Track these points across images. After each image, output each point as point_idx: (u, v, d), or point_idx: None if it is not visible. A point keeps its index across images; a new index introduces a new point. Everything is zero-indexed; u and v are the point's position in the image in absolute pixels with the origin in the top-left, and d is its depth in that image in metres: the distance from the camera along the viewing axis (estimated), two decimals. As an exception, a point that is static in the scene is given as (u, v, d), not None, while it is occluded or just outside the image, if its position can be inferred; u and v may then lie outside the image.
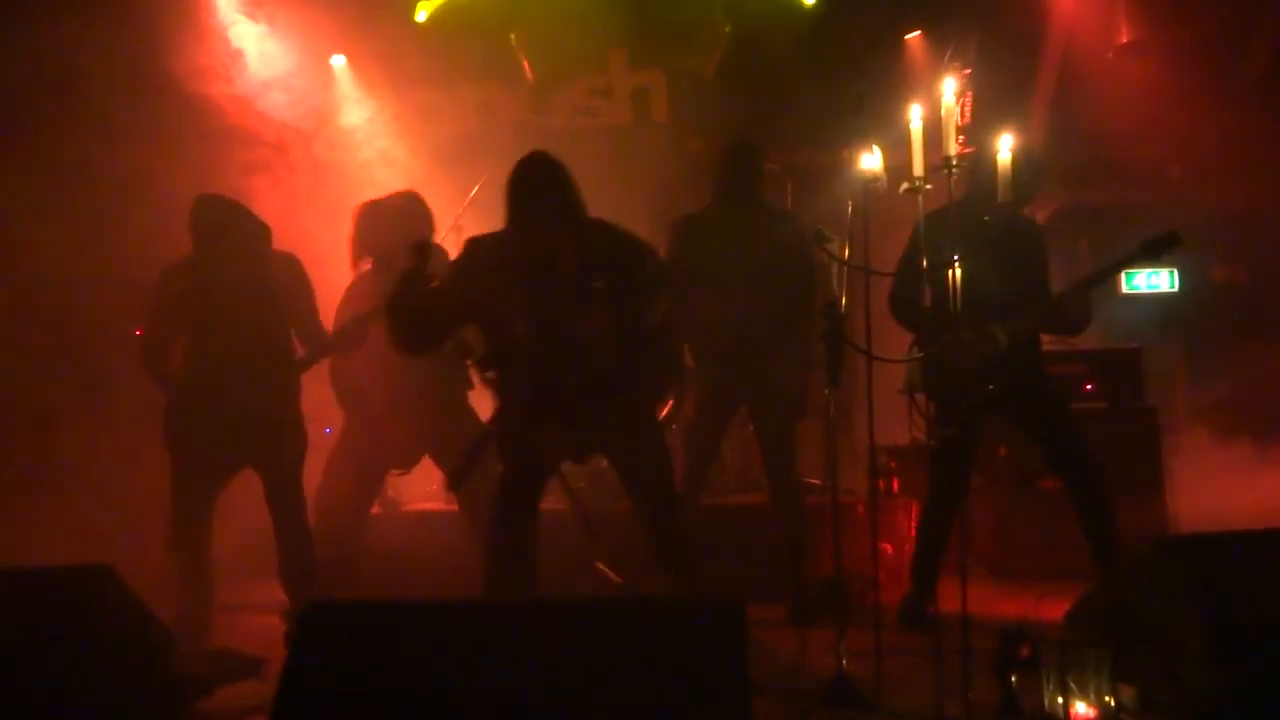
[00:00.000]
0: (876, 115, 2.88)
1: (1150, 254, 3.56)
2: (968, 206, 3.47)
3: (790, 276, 4.07)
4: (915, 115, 2.49)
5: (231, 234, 3.84)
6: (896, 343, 2.86)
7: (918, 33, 6.11)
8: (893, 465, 4.63)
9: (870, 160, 2.64)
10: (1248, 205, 5.80)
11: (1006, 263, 3.56)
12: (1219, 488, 4.64)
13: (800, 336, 4.06)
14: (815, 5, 5.97)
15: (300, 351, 4.00)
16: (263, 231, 3.93)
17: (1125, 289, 5.90)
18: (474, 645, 2.03)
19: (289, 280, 3.93)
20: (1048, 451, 3.80)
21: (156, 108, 5.13)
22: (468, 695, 1.99)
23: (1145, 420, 4.88)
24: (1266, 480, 4.63)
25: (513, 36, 6.09)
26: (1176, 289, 5.94)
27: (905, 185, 2.56)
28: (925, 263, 2.78)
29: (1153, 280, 5.88)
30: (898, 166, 2.78)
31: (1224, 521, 4.27)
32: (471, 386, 4.23)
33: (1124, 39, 5.75)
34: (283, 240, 4.05)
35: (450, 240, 5.05)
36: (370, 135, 6.31)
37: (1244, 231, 5.96)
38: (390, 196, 4.23)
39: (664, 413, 4.09)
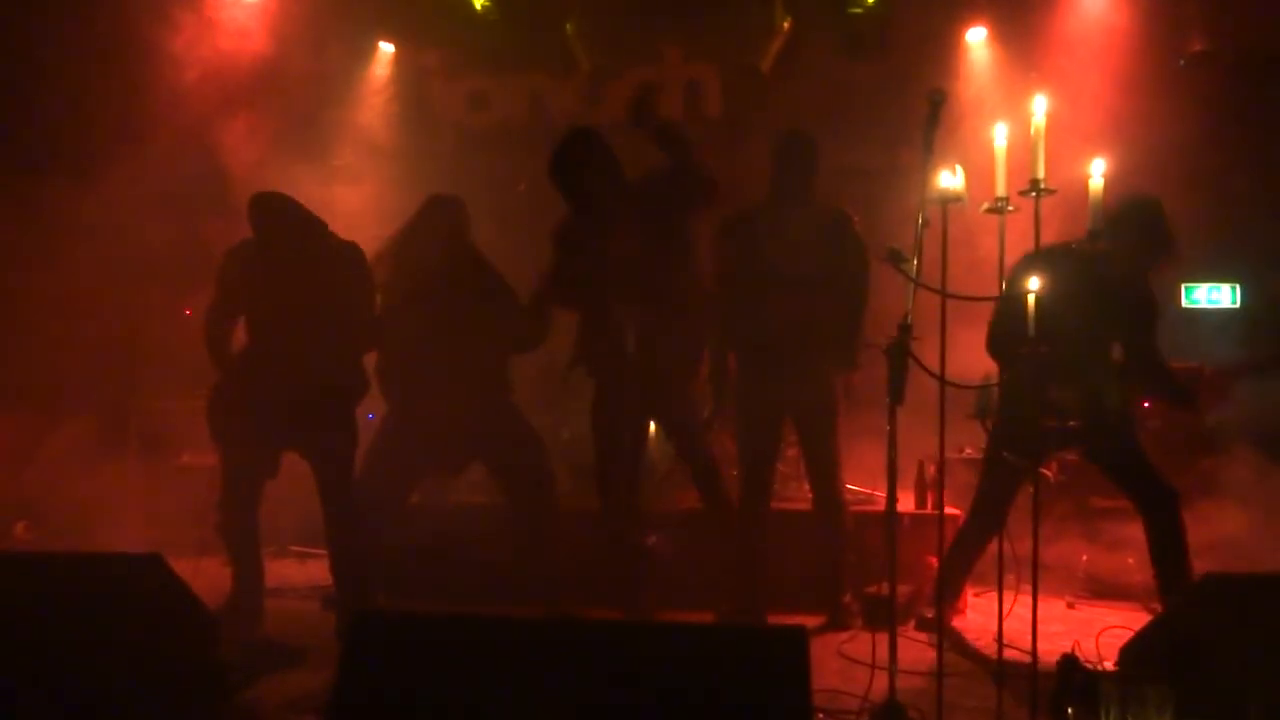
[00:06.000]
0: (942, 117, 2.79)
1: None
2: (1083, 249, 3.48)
3: (838, 276, 3.95)
4: (1000, 134, 2.40)
5: (288, 227, 3.84)
6: (958, 364, 2.78)
7: (981, 30, 5.96)
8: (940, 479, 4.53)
9: (951, 179, 2.55)
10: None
11: (1101, 307, 3.57)
12: (1273, 513, 4.50)
13: (845, 338, 3.97)
14: (875, 2, 5.84)
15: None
16: (318, 223, 3.93)
17: (1185, 303, 5.74)
18: (529, 664, 2.00)
19: (348, 268, 3.90)
20: (1125, 488, 3.76)
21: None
22: (521, 715, 1.96)
23: (1203, 441, 4.76)
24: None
25: (568, 26, 6.02)
26: (1238, 305, 5.77)
27: (986, 205, 2.47)
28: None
29: (1213, 296, 5.72)
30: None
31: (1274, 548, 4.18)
32: (512, 390, 4.18)
33: (1196, 47, 5.58)
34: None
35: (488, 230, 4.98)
36: (415, 122, 6.29)
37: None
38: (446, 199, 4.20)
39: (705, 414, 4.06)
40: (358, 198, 5.60)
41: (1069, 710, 2.73)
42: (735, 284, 4.05)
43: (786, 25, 5.93)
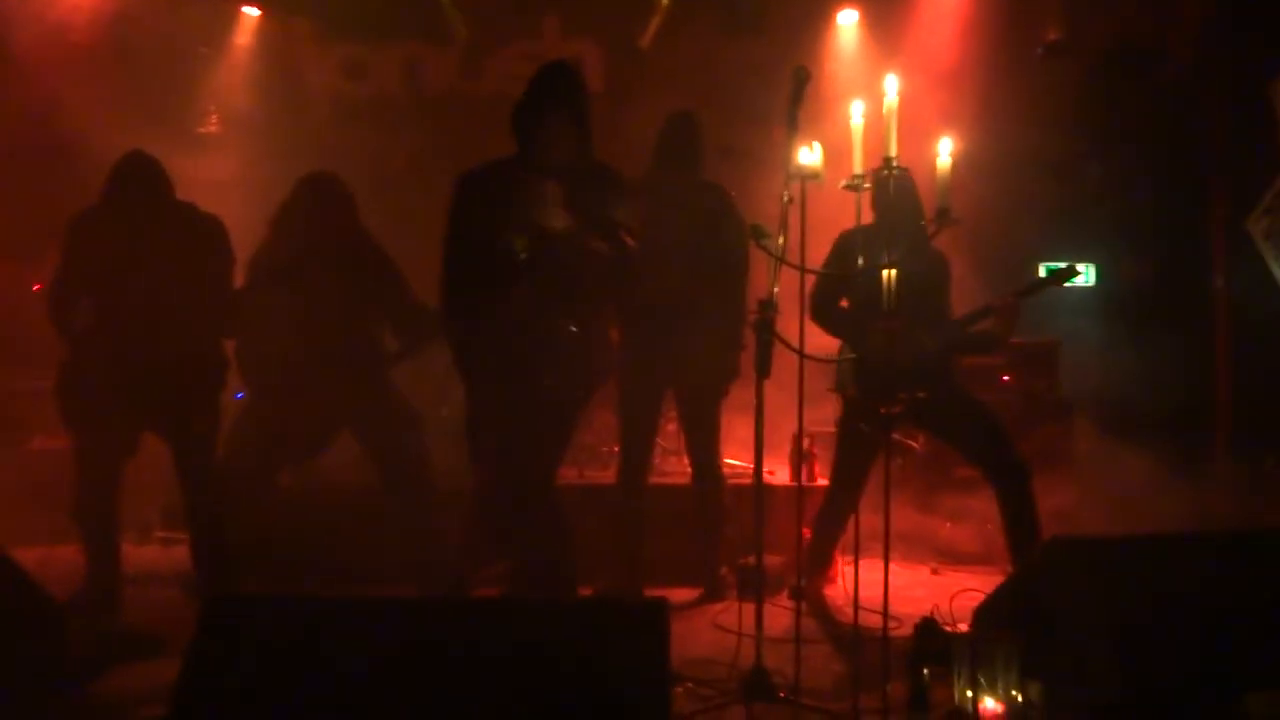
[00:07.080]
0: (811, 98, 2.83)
1: (1055, 283, 3.74)
2: (887, 222, 3.53)
3: (722, 253, 3.99)
4: (856, 111, 2.45)
5: (150, 192, 3.67)
6: (824, 339, 2.85)
7: (853, 13, 6.08)
8: (814, 451, 4.66)
9: (809, 156, 2.59)
10: (1155, 204, 5.97)
11: (924, 280, 3.64)
12: (1125, 481, 4.78)
13: (729, 314, 4.03)
14: None
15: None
16: (175, 194, 3.75)
17: (1043, 281, 6.01)
18: (386, 645, 1.96)
19: (208, 242, 3.74)
20: (973, 458, 3.87)
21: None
22: (379, 693, 1.93)
23: (1060, 412, 5.02)
24: (1168, 475, 4.79)
25: (446, -4, 5.89)
26: (1093, 283, 6.08)
27: (845, 182, 2.53)
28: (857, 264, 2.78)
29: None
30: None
31: (1126, 514, 4.45)
32: (387, 368, 4.07)
33: (1052, 36, 5.82)
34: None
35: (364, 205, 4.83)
36: (285, 92, 6.06)
37: (1153, 229, 6.12)
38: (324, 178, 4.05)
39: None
40: (224, 169, 5.36)
41: (924, 670, 2.85)
42: None
43: (666, 2, 5.93)
